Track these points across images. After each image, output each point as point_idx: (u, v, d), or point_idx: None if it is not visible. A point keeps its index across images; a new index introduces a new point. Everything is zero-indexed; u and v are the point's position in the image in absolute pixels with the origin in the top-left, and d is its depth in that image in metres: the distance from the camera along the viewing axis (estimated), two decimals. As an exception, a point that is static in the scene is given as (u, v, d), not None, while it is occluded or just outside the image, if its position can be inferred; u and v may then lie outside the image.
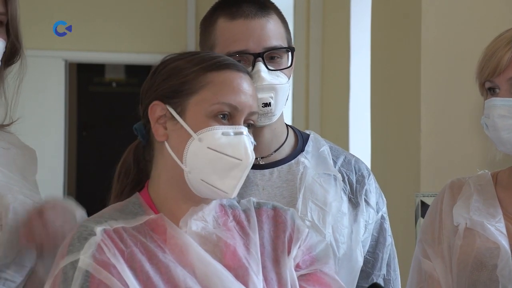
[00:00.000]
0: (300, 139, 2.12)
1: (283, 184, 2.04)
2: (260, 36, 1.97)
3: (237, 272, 1.67)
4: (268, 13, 2.00)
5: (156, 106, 1.71)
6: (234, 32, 1.97)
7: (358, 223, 2.07)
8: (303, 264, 1.75)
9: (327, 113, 5.06)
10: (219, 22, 2.00)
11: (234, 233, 1.73)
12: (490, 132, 1.95)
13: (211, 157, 1.66)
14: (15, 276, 1.96)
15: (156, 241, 1.66)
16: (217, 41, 1.99)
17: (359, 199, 2.09)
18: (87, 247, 1.61)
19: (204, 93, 1.68)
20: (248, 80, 1.72)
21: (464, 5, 2.99)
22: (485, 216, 1.95)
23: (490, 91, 1.96)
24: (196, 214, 1.70)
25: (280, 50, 1.99)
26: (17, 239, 1.92)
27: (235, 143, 1.67)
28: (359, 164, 2.14)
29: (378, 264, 2.13)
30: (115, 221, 1.67)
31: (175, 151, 1.69)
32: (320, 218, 2.02)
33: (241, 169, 1.67)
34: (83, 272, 1.59)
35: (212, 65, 1.70)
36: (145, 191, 1.74)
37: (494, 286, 1.88)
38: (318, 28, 5.03)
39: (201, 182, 1.67)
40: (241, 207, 1.79)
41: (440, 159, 2.96)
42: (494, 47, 1.95)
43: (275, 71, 1.98)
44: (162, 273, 1.63)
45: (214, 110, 1.67)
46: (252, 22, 1.97)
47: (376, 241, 2.13)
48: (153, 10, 7.33)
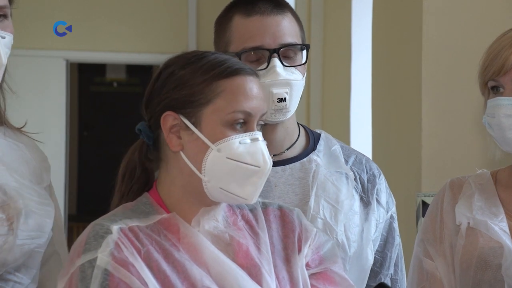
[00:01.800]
0: (312, 138, 2.13)
1: (295, 182, 2.05)
2: (275, 32, 1.98)
3: (250, 271, 1.68)
4: (283, 10, 2.02)
5: (169, 116, 1.70)
6: (250, 29, 1.98)
7: (369, 222, 2.08)
8: (312, 263, 1.76)
9: (328, 112, 5.06)
10: (234, 19, 2.01)
11: (244, 233, 1.73)
12: (495, 131, 1.94)
13: (230, 167, 1.66)
14: (24, 279, 1.96)
15: (170, 240, 1.66)
16: (232, 38, 2.00)
17: (370, 198, 2.10)
18: (105, 245, 1.61)
19: (218, 102, 1.67)
20: (256, 82, 1.72)
21: (465, 5, 2.99)
22: (488, 215, 1.95)
23: (493, 90, 1.95)
24: (208, 214, 1.71)
25: (295, 47, 2.01)
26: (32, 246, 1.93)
27: (253, 151, 1.67)
28: (370, 163, 2.15)
29: (386, 264, 2.13)
30: (129, 220, 1.67)
31: (193, 161, 1.68)
32: (332, 216, 2.03)
33: (260, 176, 1.68)
34: (102, 270, 1.58)
35: (223, 72, 1.69)
36: (155, 191, 1.74)
37: (499, 285, 1.87)
38: (319, 27, 5.03)
39: (220, 191, 1.68)
40: (248, 206, 1.79)
41: (441, 159, 2.96)
42: (498, 46, 1.94)
43: (290, 67, 2.00)
44: (179, 272, 1.63)
45: (230, 119, 1.67)
46: (268, 19, 1.99)
47: (385, 240, 2.13)
48: (154, 10, 7.33)
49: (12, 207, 1.92)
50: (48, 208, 2.00)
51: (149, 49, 7.25)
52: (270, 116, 1.98)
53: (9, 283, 1.93)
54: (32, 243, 1.94)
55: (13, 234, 1.90)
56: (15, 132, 2.04)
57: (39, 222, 1.96)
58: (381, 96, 3.53)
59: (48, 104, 7.21)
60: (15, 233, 1.90)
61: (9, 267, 1.91)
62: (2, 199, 1.92)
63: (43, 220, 1.97)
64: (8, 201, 1.92)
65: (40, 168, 2.05)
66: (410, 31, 3.12)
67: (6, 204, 1.91)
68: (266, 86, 1.95)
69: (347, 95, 4.65)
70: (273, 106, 1.98)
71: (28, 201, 1.95)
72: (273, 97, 1.97)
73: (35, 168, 2.03)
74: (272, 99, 1.97)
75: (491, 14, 2.98)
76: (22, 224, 1.92)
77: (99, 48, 7.37)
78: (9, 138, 2.02)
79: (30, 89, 6.95)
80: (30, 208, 1.95)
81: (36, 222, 1.95)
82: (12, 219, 1.91)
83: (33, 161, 2.03)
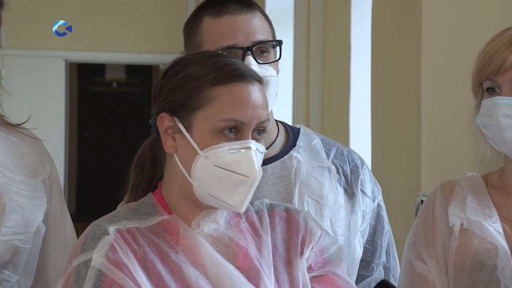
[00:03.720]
0: (291, 134, 2.12)
1: (277, 181, 2.04)
2: (247, 30, 1.98)
3: (249, 274, 1.67)
4: (252, 9, 2.01)
5: (164, 118, 1.70)
6: (221, 28, 1.98)
7: (356, 214, 2.08)
8: (315, 265, 1.75)
9: (327, 112, 5.07)
10: (204, 20, 2.00)
11: (246, 235, 1.73)
12: (492, 131, 1.94)
13: (218, 174, 1.65)
14: (11, 276, 1.96)
15: (169, 242, 1.66)
16: (203, 39, 1.99)
17: (354, 189, 2.09)
18: (100, 246, 1.61)
19: (210, 109, 1.66)
20: (256, 89, 1.70)
21: (464, 5, 2.99)
22: (482, 216, 1.94)
23: (488, 91, 1.95)
24: (209, 216, 1.71)
25: (268, 44, 2.00)
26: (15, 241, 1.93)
27: (241, 159, 1.65)
28: (351, 154, 2.14)
29: (377, 252, 2.13)
30: (128, 221, 1.67)
31: (184, 164, 1.68)
32: (317, 212, 2.02)
33: (249, 185, 1.66)
34: (96, 271, 1.59)
35: (219, 78, 1.67)
36: (158, 192, 1.74)
37: (494, 286, 1.87)
38: (318, 27, 5.03)
39: (210, 197, 1.67)
40: (254, 208, 1.78)
41: (440, 159, 2.96)
42: (495, 46, 1.93)
43: (264, 65, 1.98)
44: (175, 274, 1.63)
45: (220, 126, 1.65)
46: (238, 17, 1.98)
47: (374, 229, 2.13)
48: (154, 10, 7.34)
49: None
50: (39, 202, 2.00)
51: (148, 49, 7.26)
52: None
53: None
54: (16, 238, 1.94)
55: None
56: (9, 128, 2.04)
57: (26, 217, 1.95)
58: (381, 97, 3.53)
59: (48, 104, 7.22)
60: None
61: None
62: None
63: (30, 215, 1.97)
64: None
65: (36, 161, 2.04)
66: (409, 31, 3.12)
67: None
68: None
69: (346, 96, 4.65)
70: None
71: (15, 196, 1.95)
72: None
73: (30, 162, 2.02)
74: None
75: (490, 14, 2.98)
76: (6, 220, 1.91)
77: (98, 48, 7.38)
78: (2, 133, 2.02)
79: (29, 89, 6.96)
80: (17, 203, 1.94)
81: (22, 217, 1.95)
82: None
83: (29, 155, 2.03)
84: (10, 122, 2.05)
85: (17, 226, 1.94)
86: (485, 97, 1.95)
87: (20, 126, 2.06)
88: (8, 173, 1.97)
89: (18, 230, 1.94)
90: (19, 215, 1.94)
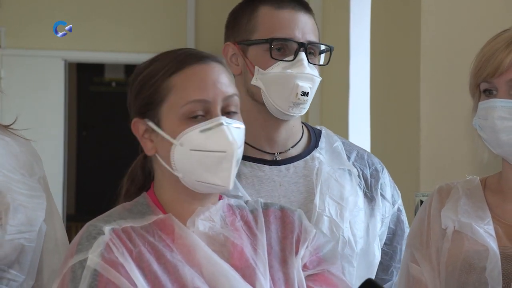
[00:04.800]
0: (313, 135, 2.13)
1: (299, 180, 2.05)
2: (304, 28, 2.01)
3: (244, 272, 1.68)
4: (310, 12, 2.05)
5: (137, 123, 1.72)
6: (281, 20, 2.00)
7: (375, 218, 2.09)
8: (310, 264, 1.75)
9: (326, 112, 5.07)
10: (262, 9, 2.02)
11: (241, 233, 1.73)
12: (487, 133, 1.93)
13: (197, 158, 1.66)
14: (18, 276, 1.97)
15: (164, 241, 1.67)
16: (258, 27, 2.00)
17: (374, 193, 2.10)
18: (96, 246, 1.62)
19: (171, 98, 1.68)
20: (213, 66, 1.71)
21: (463, 5, 2.99)
22: (474, 218, 1.94)
23: (485, 93, 1.94)
24: (203, 214, 1.71)
25: (318, 47, 2.04)
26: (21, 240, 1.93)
27: (214, 136, 1.66)
28: (372, 158, 2.16)
29: (397, 256, 2.14)
30: (124, 221, 1.68)
31: (165, 160, 1.69)
32: (337, 213, 2.03)
33: (229, 159, 1.66)
34: (92, 271, 1.59)
35: (173, 67, 1.69)
36: (152, 192, 1.75)
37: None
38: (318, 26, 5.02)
39: (198, 183, 1.68)
40: (249, 207, 1.79)
41: (439, 159, 2.96)
42: (492, 48, 1.93)
43: (313, 65, 2.01)
44: (170, 273, 1.63)
45: (185, 111, 1.67)
46: (298, 14, 2.01)
47: (393, 233, 2.13)
48: (153, 10, 7.34)
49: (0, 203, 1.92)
50: (39, 200, 2.01)
51: (148, 49, 7.24)
52: (288, 110, 1.98)
53: (3, 280, 1.94)
54: (21, 237, 1.94)
55: (2, 230, 1.90)
56: (1, 129, 2.05)
57: (29, 216, 1.96)
58: (380, 96, 3.53)
59: (47, 104, 7.21)
60: (4, 228, 1.91)
61: (1, 264, 1.92)
62: None
63: (33, 214, 1.97)
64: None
65: (30, 160, 2.05)
66: (408, 31, 3.12)
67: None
68: (291, 77, 1.96)
69: (345, 95, 4.65)
70: (295, 99, 1.97)
71: (17, 195, 1.96)
72: (297, 89, 1.97)
73: (25, 161, 2.03)
74: (296, 91, 1.97)
75: (489, 14, 2.98)
76: (10, 219, 1.92)
77: (97, 48, 7.38)
78: None
79: (28, 89, 6.96)
80: (19, 202, 1.95)
81: (25, 216, 1.95)
82: (0, 215, 1.91)
83: (23, 154, 2.04)
84: (1, 123, 2.06)
85: (21, 224, 1.95)
86: (482, 98, 1.94)
87: (10, 127, 2.07)
88: (7, 173, 1.98)
89: (23, 228, 1.95)
90: (23, 214, 1.95)
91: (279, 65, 1.98)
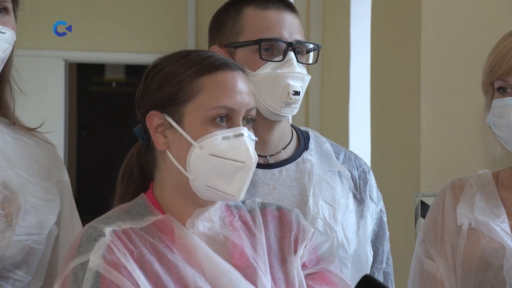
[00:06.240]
0: (302, 137, 2.13)
1: (292, 183, 2.05)
2: (291, 28, 2.01)
3: (245, 272, 1.68)
4: (295, 12, 2.05)
5: (153, 116, 1.71)
6: (267, 20, 2.00)
7: (365, 219, 2.09)
8: (309, 263, 1.76)
9: (327, 113, 5.06)
10: (247, 10, 2.02)
11: (240, 233, 1.73)
12: (503, 131, 1.94)
13: (214, 164, 1.66)
14: (24, 277, 1.97)
15: (164, 242, 1.67)
16: (245, 29, 2.01)
17: (363, 195, 2.11)
18: (97, 247, 1.61)
19: (199, 99, 1.67)
20: (242, 77, 1.71)
21: (464, 5, 2.99)
22: (490, 216, 1.95)
23: (499, 90, 1.95)
24: (203, 215, 1.71)
25: (306, 46, 2.04)
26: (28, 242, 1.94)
27: (236, 146, 1.66)
28: (358, 160, 2.16)
29: (379, 258, 2.14)
30: (123, 222, 1.67)
31: (178, 159, 1.68)
32: (331, 216, 2.03)
33: (246, 171, 1.67)
34: (94, 273, 1.59)
35: (204, 68, 1.69)
36: (150, 193, 1.75)
37: (501, 286, 1.87)
38: (318, 27, 5.03)
39: (207, 188, 1.67)
40: (246, 207, 1.79)
41: (440, 159, 2.96)
42: (506, 46, 1.93)
43: (301, 64, 2.02)
44: (172, 273, 1.63)
45: (211, 115, 1.66)
46: (284, 14, 2.01)
47: (376, 235, 2.14)
48: (153, 10, 7.34)
49: (12, 203, 1.92)
50: (52, 204, 2.01)
51: (148, 49, 7.25)
52: (280, 110, 1.98)
53: (9, 280, 1.94)
54: (29, 239, 1.94)
55: (11, 230, 1.91)
56: (25, 131, 2.06)
57: (39, 218, 1.96)
58: (380, 97, 3.53)
59: (47, 104, 7.22)
60: (13, 229, 1.91)
61: (8, 264, 1.92)
62: (4, 195, 1.93)
63: (44, 217, 1.98)
64: (10, 197, 1.93)
65: (50, 164, 2.06)
66: (409, 31, 3.12)
67: (7, 200, 1.92)
68: (282, 77, 1.97)
69: (346, 96, 4.65)
70: (286, 99, 1.98)
71: (30, 197, 1.96)
72: (288, 88, 1.97)
73: (44, 164, 2.04)
74: (288, 90, 1.97)
75: (490, 15, 2.98)
76: (20, 220, 1.92)
77: (98, 48, 7.38)
78: (18, 135, 2.03)
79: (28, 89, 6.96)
80: (31, 204, 1.95)
81: (36, 218, 1.96)
82: (11, 215, 1.92)
83: (43, 157, 2.05)
84: (25, 126, 2.06)
85: (30, 227, 1.95)
86: (496, 96, 1.95)
87: (35, 130, 2.08)
88: (24, 174, 1.98)
89: (32, 231, 1.95)
90: (33, 216, 1.95)
91: (269, 65, 1.98)
